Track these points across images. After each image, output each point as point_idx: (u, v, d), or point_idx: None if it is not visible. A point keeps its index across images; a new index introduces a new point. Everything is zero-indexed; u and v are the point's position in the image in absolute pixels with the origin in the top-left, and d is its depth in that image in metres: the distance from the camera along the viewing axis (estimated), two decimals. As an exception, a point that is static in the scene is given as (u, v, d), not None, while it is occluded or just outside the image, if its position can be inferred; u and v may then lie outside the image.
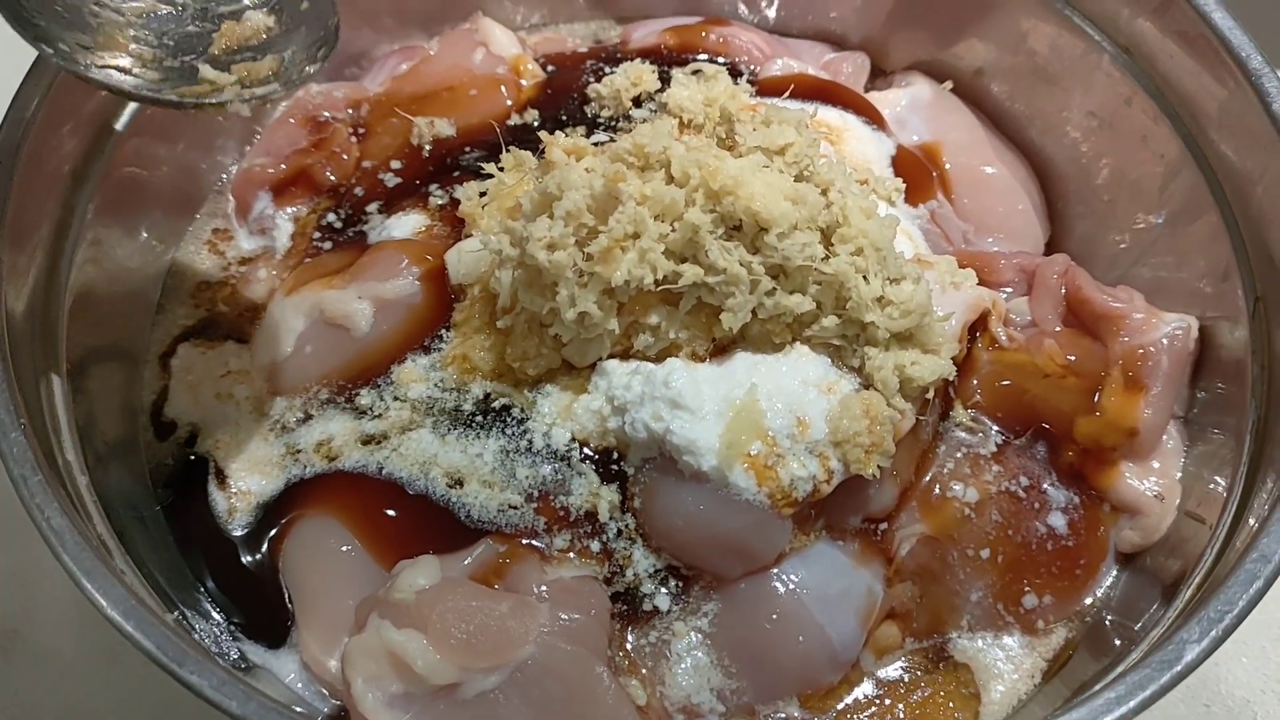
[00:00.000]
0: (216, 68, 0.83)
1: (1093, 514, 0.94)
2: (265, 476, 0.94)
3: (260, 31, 0.87)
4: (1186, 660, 0.70)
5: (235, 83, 0.83)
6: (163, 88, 0.81)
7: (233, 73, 0.83)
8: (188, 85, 0.82)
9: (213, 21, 0.86)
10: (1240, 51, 0.94)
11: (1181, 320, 0.97)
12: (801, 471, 0.84)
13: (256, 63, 0.85)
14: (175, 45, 0.84)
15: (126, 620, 0.68)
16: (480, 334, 0.95)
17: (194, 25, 0.86)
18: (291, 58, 0.87)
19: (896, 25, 1.22)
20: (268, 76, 0.85)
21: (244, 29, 0.86)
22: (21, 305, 0.85)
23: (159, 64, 0.83)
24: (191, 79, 0.83)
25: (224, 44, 0.86)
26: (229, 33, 0.86)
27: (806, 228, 0.86)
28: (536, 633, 0.80)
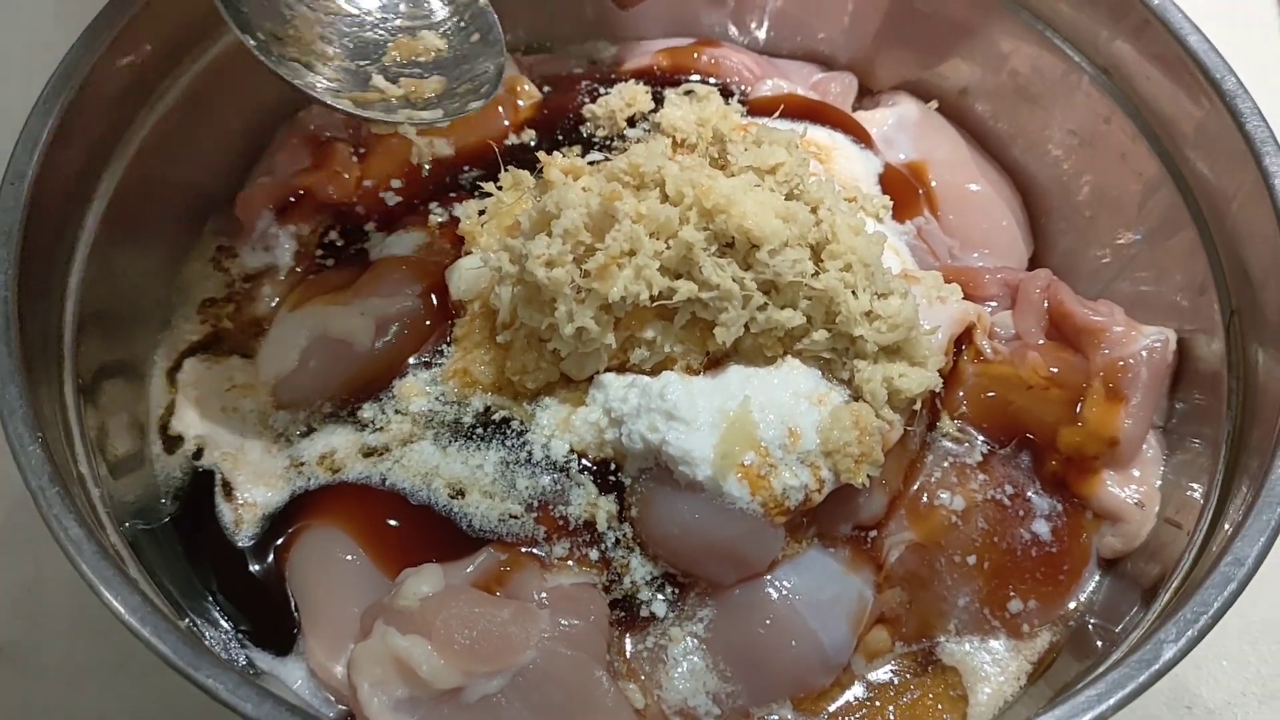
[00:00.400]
0: (386, 77, 0.91)
1: (1075, 521, 0.96)
2: (270, 488, 0.96)
3: (430, 51, 0.93)
4: (1164, 659, 0.72)
5: (401, 95, 0.90)
6: (340, 92, 0.88)
7: (400, 86, 0.90)
8: (360, 91, 0.89)
9: (390, 33, 0.93)
10: (1215, 73, 0.96)
11: (1160, 333, 0.98)
12: (793, 481, 0.86)
13: (422, 80, 0.92)
14: (354, 49, 0.91)
15: (143, 626, 0.69)
16: (480, 348, 0.96)
17: (373, 33, 0.92)
18: (456, 87, 0.92)
19: (883, 46, 1.24)
20: (430, 98, 0.91)
21: (416, 45, 0.93)
22: (35, 322, 0.86)
23: (338, 64, 0.90)
24: (363, 85, 0.89)
25: (395, 56, 0.93)
26: (402, 46, 0.93)
27: (797, 244, 0.88)
28: (537, 638, 0.82)
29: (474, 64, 0.94)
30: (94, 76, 0.92)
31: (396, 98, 0.90)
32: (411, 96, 0.91)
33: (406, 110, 0.89)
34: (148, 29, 0.98)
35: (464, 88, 0.93)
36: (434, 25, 0.94)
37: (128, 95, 0.99)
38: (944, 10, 1.16)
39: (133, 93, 0.99)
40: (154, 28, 0.98)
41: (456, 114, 0.91)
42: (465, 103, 0.92)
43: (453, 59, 0.94)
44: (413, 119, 0.90)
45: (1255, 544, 0.77)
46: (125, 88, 0.98)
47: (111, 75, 0.95)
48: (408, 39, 0.93)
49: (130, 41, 0.96)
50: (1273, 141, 0.92)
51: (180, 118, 1.04)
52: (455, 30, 0.94)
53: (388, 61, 0.93)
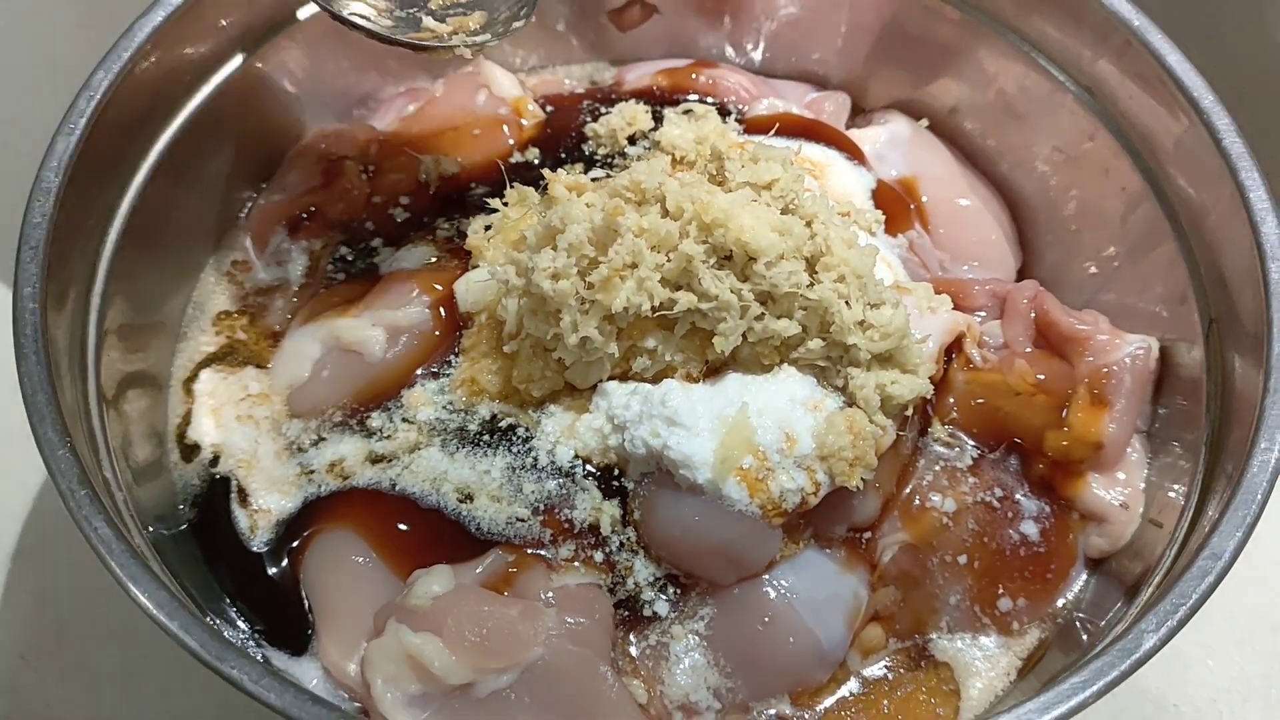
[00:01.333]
0: (435, 18, 0.98)
1: (1063, 522, 0.98)
2: (284, 495, 0.98)
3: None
4: (1145, 648, 0.75)
5: (451, 31, 0.98)
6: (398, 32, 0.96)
7: (448, 24, 0.98)
8: (414, 33, 0.97)
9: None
10: (1193, 92, 0.98)
11: (1143, 341, 1.01)
12: (790, 484, 0.88)
13: (466, 17, 0.99)
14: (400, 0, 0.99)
15: (171, 621, 0.72)
16: (488, 358, 0.98)
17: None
18: (497, 15, 1.00)
19: (875, 66, 1.26)
20: (477, 30, 0.99)
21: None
22: (61, 333, 0.89)
23: (390, 14, 0.97)
24: (416, 27, 0.97)
25: (439, 1, 1.00)
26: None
27: (792, 257, 0.89)
28: (545, 635, 0.84)
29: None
30: (115, 98, 0.95)
31: (448, 34, 0.98)
32: (461, 30, 0.98)
33: (459, 36, 0.98)
34: (167, 52, 1.00)
35: (504, 14, 1.01)
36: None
37: (148, 116, 1.02)
38: (933, 32, 1.19)
39: (153, 113, 1.02)
40: (172, 51, 1.01)
41: (503, 35, 1.00)
42: (509, 26, 1.00)
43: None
44: (466, 41, 0.98)
45: (1231, 539, 0.80)
46: (146, 109, 1.01)
47: (132, 96, 0.98)
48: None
49: (150, 64, 0.99)
50: (1248, 157, 0.95)
51: (197, 137, 1.06)
52: None
53: (434, 6, 1.00)
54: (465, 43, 0.98)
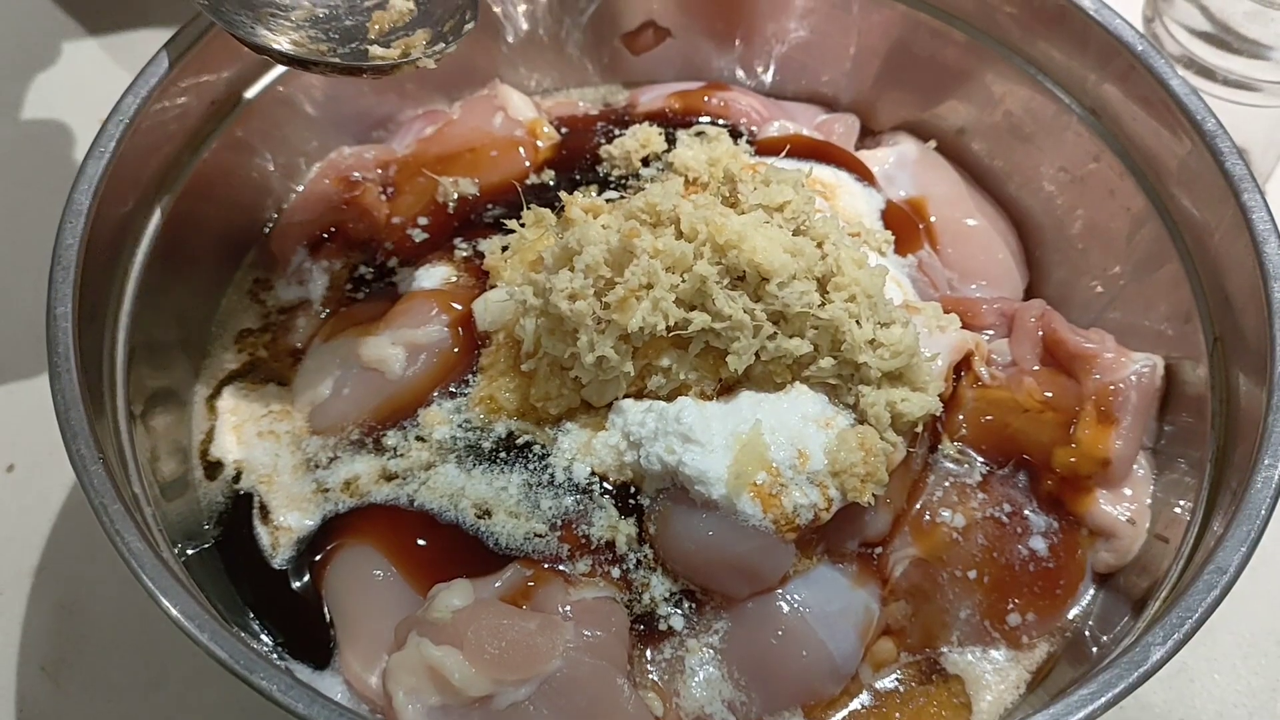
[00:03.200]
0: (380, 45, 0.94)
1: (1071, 538, 0.98)
2: (303, 512, 0.99)
3: (404, 15, 0.96)
4: (1152, 660, 0.76)
5: (398, 55, 0.94)
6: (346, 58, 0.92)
7: (395, 47, 0.94)
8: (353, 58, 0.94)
9: (364, 15, 0.96)
10: (1196, 115, 1.00)
11: (1148, 359, 1.02)
12: (803, 500, 0.89)
13: (410, 37, 0.95)
14: (340, 38, 0.94)
15: (201, 633, 0.73)
16: (505, 376, 1.00)
17: (349, 20, 0.96)
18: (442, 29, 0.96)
19: (884, 88, 1.27)
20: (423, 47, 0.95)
21: (391, 15, 0.96)
22: (92, 351, 0.91)
23: (334, 53, 0.93)
24: (363, 58, 0.94)
25: (377, 29, 0.96)
26: (379, 20, 0.96)
27: (804, 277, 0.91)
28: (563, 648, 0.85)
29: (445, 4, 0.98)
30: (143, 121, 0.98)
31: (396, 58, 0.94)
32: (410, 49, 0.95)
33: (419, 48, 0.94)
34: (193, 76, 1.03)
35: (448, 26, 0.97)
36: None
37: (175, 138, 1.04)
38: (941, 55, 1.21)
39: (179, 136, 1.04)
40: (197, 75, 1.04)
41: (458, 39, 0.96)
42: (459, 31, 0.96)
43: (424, 11, 0.98)
44: (426, 53, 0.94)
45: (1236, 553, 0.81)
46: (172, 131, 1.03)
47: (160, 120, 1.01)
48: (381, 13, 0.97)
49: (177, 88, 1.01)
50: (1250, 179, 0.96)
51: (221, 159, 1.09)
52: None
53: (373, 36, 0.96)
54: (426, 54, 0.95)
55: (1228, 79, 1.21)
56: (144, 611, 1.01)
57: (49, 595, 1.12)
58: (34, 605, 1.12)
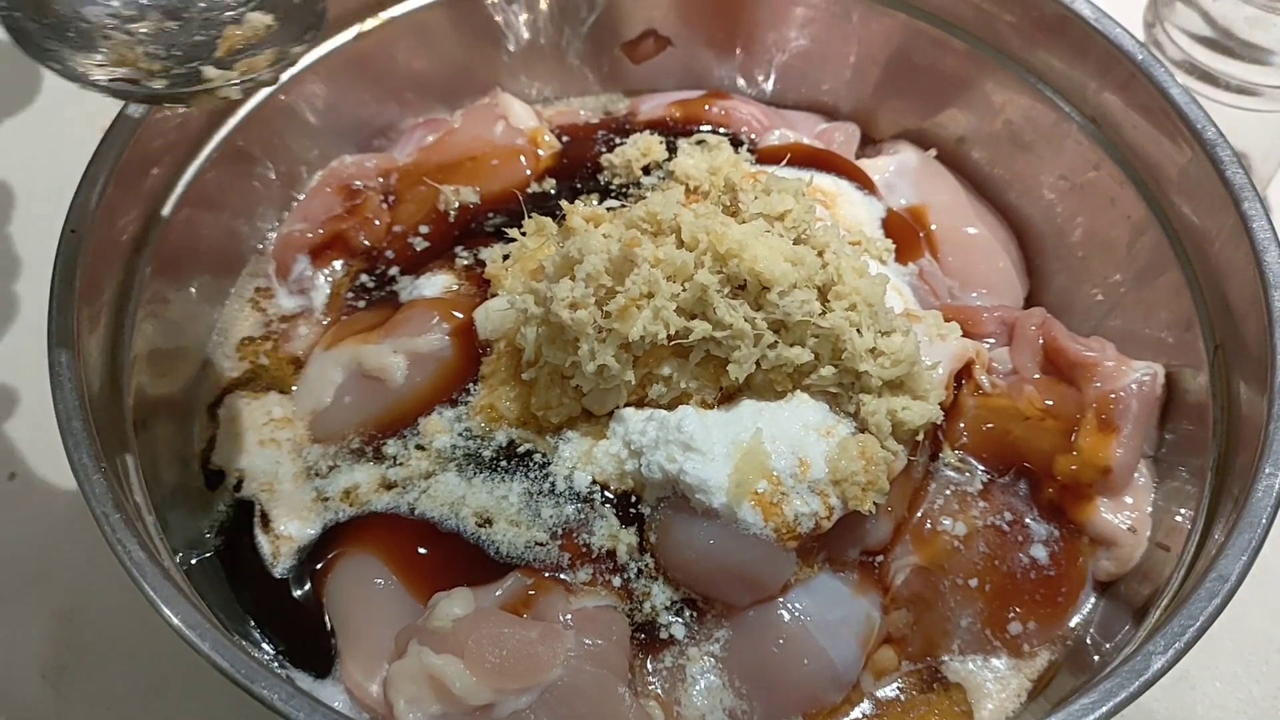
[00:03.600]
0: (219, 67, 0.84)
1: (1072, 546, 0.98)
2: (303, 521, 0.99)
3: (260, 31, 0.88)
4: (1153, 669, 0.76)
5: (237, 75, 0.84)
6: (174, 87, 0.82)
7: (234, 69, 0.84)
8: (190, 87, 0.83)
9: (217, 28, 0.87)
10: (1196, 123, 1.00)
11: (1149, 367, 1.02)
12: (804, 508, 0.89)
13: (256, 58, 0.86)
14: (184, 55, 0.85)
15: (203, 641, 0.74)
16: (506, 385, 1.00)
17: (200, 34, 0.87)
18: (289, 47, 0.87)
19: (884, 97, 1.28)
20: (266, 66, 0.86)
21: (245, 30, 0.87)
22: (94, 359, 0.91)
23: (166, 73, 0.84)
24: (195, 81, 0.84)
25: (228, 46, 0.87)
26: (231, 36, 0.87)
27: (805, 286, 0.91)
28: (564, 656, 0.85)
29: (302, 20, 0.89)
30: (145, 130, 0.98)
31: (231, 83, 0.84)
32: (251, 70, 0.86)
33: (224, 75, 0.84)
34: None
35: (295, 47, 0.88)
36: (258, 5, 0.89)
37: (176, 147, 1.04)
38: (941, 64, 1.21)
39: (181, 144, 1.05)
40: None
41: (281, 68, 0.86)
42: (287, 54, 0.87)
43: (282, 26, 0.89)
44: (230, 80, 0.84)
45: (1237, 561, 0.81)
46: (174, 140, 1.04)
47: (162, 128, 1.01)
48: (234, 28, 0.88)
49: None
50: (1250, 187, 0.96)
51: (223, 168, 1.09)
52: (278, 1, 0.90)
53: (221, 54, 0.87)
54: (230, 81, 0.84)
55: (1228, 84, 1.22)
56: (145, 620, 1.00)
57: (50, 603, 1.12)
58: (35, 613, 1.12)
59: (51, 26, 0.82)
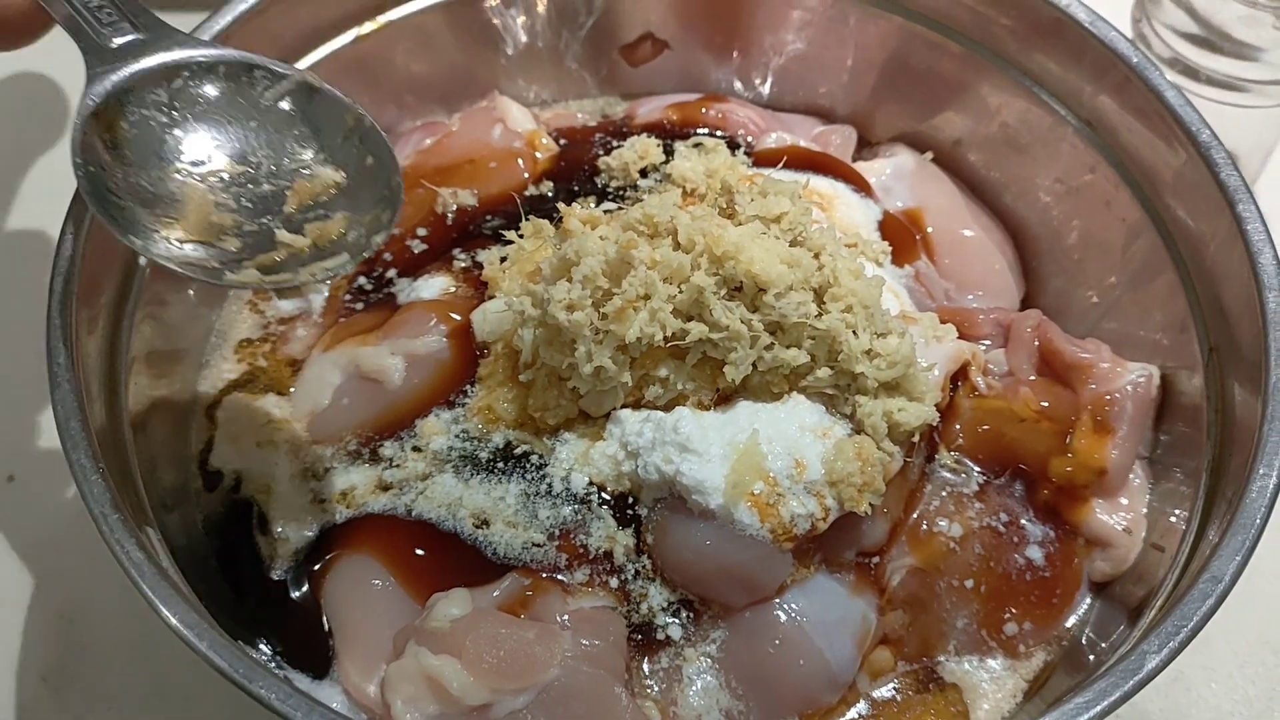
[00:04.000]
0: (290, 228, 0.84)
1: (1067, 547, 0.99)
2: (301, 523, 0.99)
3: (329, 187, 0.87)
4: (1147, 669, 0.76)
5: (309, 244, 0.84)
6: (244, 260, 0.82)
7: (306, 234, 0.84)
8: (264, 253, 0.83)
9: (286, 179, 0.87)
10: (1191, 126, 1.01)
11: (1144, 369, 1.02)
12: (800, 509, 0.89)
13: (327, 222, 0.85)
14: (253, 207, 0.85)
15: (201, 642, 0.74)
16: (504, 386, 1.00)
17: (268, 184, 0.86)
18: (361, 218, 0.85)
19: (881, 100, 1.28)
20: (339, 237, 0.85)
21: (314, 186, 0.86)
22: (93, 361, 0.91)
23: (238, 229, 0.83)
24: (268, 244, 0.84)
25: (296, 202, 0.86)
26: (301, 190, 0.86)
27: (801, 288, 0.91)
28: (561, 657, 0.85)
29: (374, 188, 0.87)
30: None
31: (305, 249, 0.84)
32: (319, 242, 0.85)
33: (315, 264, 0.84)
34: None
35: (368, 218, 0.86)
36: (327, 159, 0.88)
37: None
38: (937, 67, 1.21)
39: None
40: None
41: (363, 255, 0.85)
42: (369, 240, 0.85)
43: (350, 190, 0.87)
44: (317, 274, 0.83)
45: (1231, 562, 0.81)
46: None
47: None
48: (305, 181, 0.87)
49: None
50: (1244, 189, 0.97)
51: (221, 171, 1.10)
52: (349, 158, 0.88)
53: (290, 209, 0.86)
54: (316, 276, 0.83)
55: (1213, 79, 1.22)
56: (144, 621, 1.01)
57: (49, 605, 1.12)
58: (34, 615, 1.12)
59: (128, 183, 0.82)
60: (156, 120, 0.84)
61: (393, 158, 0.88)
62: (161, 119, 0.84)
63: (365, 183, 0.88)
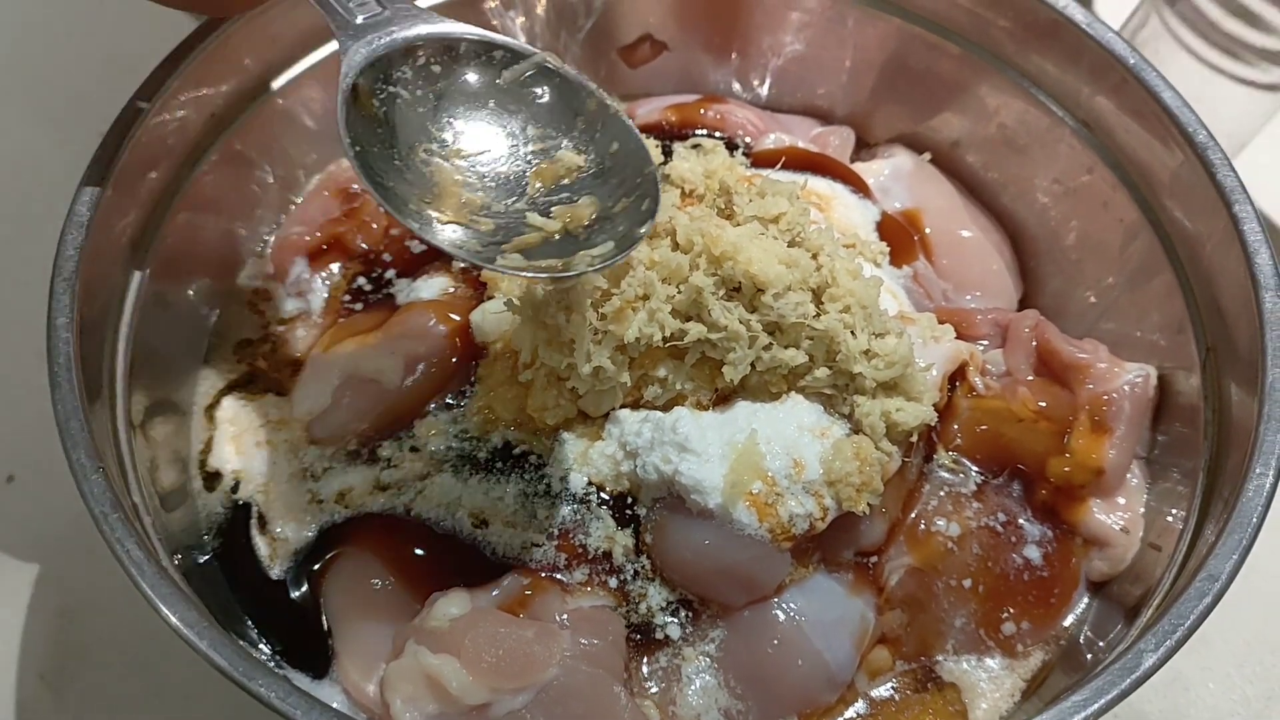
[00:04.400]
0: (538, 211, 0.82)
1: (1065, 546, 0.99)
2: (300, 523, 1.00)
3: (571, 170, 0.84)
4: (1144, 667, 0.76)
5: (559, 228, 0.81)
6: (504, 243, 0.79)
7: (554, 217, 0.82)
8: (520, 236, 0.80)
9: (526, 161, 0.85)
10: (1188, 127, 1.01)
11: (1142, 369, 1.02)
12: (799, 509, 0.89)
13: (575, 206, 0.82)
14: (497, 188, 0.83)
15: (201, 640, 0.74)
16: (503, 386, 1.00)
17: (510, 165, 0.84)
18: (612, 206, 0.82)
19: (879, 101, 1.28)
20: (590, 224, 0.82)
21: (556, 168, 0.84)
22: (92, 362, 0.91)
23: (488, 210, 0.81)
24: (520, 227, 0.81)
25: (538, 184, 0.84)
26: (543, 173, 0.84)
27: (799, 288, 0.91)
28: (559, 656, 0.85)
29: (623, 175, 0.84)
30: (144, 133, 0.98)
31: (557, 233, 0.81)
32: (570, 227, 0.82)
33: (583, 253, 0.80)
34: (194, 89, 1.04)
35: (619, 206, 0.82)
36: (568, 142, 0.85)
37: (175, 151, 1.04)
38: (935, 68, 1.21)
39: (180, 148, 1.05)
40: (198, 88, 1.04)
41: (630, 244, 0.80)
42: (631, 228, 0.81)
43: (595, 174, 0.84)
44: (592, 262, 0.79)
45: (1228, 561, 0.81)
46: (173, 144, 1.04)
47: (161, 132, 1.01)
48: (546, 163, 0.84)
49: (178, 100, 1.02)
50: (1241, 190, 0.97)
51: (221, 172, 1.09)
52: (591, 142, 0.85)
53: (532, 191, 0.84)
54: (591, 264, 0.79)
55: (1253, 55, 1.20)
56: (143, 620, 1.01)
57: (49, 604, 1.12)
58: (34, 614, 1.12)
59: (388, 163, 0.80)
60: (401, 98, 0.82)
61: (643, 146, 0.85)
62: (405, 96, 0.82)
63: (612, 169, 0.85)
